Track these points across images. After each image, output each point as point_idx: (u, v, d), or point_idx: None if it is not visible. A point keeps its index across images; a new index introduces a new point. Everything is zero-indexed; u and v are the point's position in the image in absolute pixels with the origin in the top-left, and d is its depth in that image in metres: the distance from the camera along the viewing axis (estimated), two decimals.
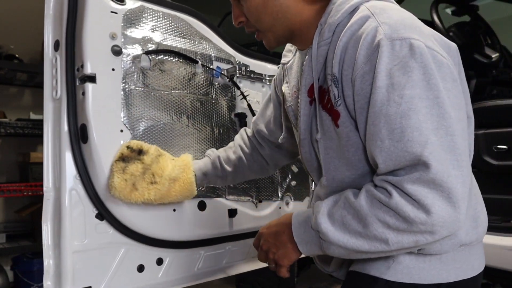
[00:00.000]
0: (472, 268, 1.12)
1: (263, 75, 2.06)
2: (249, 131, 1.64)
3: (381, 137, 0.93)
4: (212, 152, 1.60)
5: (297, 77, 1.26)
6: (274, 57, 2.17)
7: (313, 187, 1.28)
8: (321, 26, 1.09)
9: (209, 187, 1.75)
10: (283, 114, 1.44)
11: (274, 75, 2.09)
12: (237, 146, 1.61)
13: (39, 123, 3.22)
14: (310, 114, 1.17)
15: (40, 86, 3.47)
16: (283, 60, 1.36)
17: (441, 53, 0.96)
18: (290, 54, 1.34)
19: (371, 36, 0.96)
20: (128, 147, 1.45)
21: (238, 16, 1.20)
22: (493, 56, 3.07)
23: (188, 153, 1.58)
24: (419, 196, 0.88)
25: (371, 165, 1.03)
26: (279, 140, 1.46)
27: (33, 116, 3.44)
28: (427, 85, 0.91)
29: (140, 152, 1.45)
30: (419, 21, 1.03)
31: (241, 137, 1.64)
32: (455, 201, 0.88)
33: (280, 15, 1.14)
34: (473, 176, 1.14)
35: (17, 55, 3.36)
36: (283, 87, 1.36)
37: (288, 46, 1.37)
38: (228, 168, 1.56)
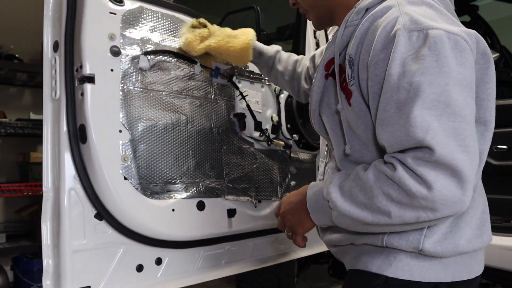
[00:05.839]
0: (470, 271, 1.14)
1: (262, 75, 2.06)
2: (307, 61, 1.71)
3: (391, 122, 0.96)
4: (276, 46, 1.75)
5: None
6: None
7: (326, 151, 1.34)
8: (355, 8, 1.13)
9: (208, 186, 1.76)
10: None
11: None
12: (295, 61, 1.71)
13: (39, 123, 3.22)
14: (322, 87, 1.21)
15: (40, 86, 3.45)
16: (331, 35, 1.44)
17: (464, 38, 0.96)
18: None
19: (390, 26, 0.98)
20: (197, 20, 1.72)
21: None
22: (493, 56, 3.07)
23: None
24: (422, 171, 0.90)
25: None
26: None
27: (33, 116, 3.45)
28: (439, 71, 0.92)
29: (205, 26, 1.72)
30: (446, 15, 1.04)
31: (302, 59, 1.71)
32: (460, 180, 0.90)
33: None
34: (481, 184, 1.16)
35: (17, 55, 3.37)
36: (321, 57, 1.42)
37: None
38: (278, 67, 1.71)
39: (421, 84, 0.92)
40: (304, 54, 2.40)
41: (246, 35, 1.68)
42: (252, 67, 2.01)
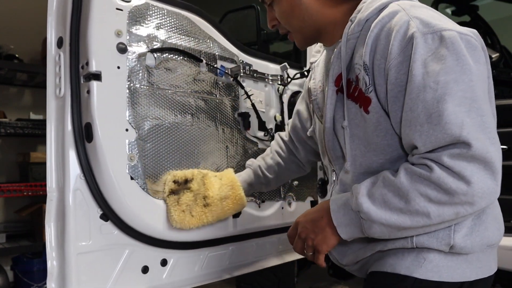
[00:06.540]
0: (489, 268, 1.17)
1: (265, 74, 2.05)
2: (284, 135, 1.73)
3: (420, 122, 0.98)
4: (252, 163, 1.72)
5: (323, 72, 1.36)
6: (275, 57, 2.17)
7: (334, 177, 1.32)
8: (351, 21, 1.15)
9: None
10: (311, 108, 1.51)
11: (276, 75, 2.10)
12: (274, 152, 1.71)
13: (39, 123, 3.22)
14: (335, 103, 1.22)
15: (40, 86, 3.49)
16: (312, 59, 1.47)
17: (474, 37, 1.03)
18: (318, 54, 1.45)
19: (404, 29, 1.02)
20: (174, 181, 1.54)
21: (272, 20, 1.34)
22: (493, 56, 3.07)
23: (229, 168, 1.70)
24: (458, 168, 0.93)
25: (400, 149, 1.10)
26: (307, 133, 1.52)
27: (33, 116, 3.44)
28: (461, 69, 0.96)
29: (186, 181, 1.56)
30: (443, 15, 1.09)
31: (277, 143, 1.74)
32: (493, 172, 0.94)
33: (307, 18, 1.25)
34: None
35: (17, 55, 3.36)
36: (309, 84, 1.44)
37: (317, 47, 1.47)
38: (269, 175, 1.68)
39: (448, 83, 0.95)
40: (305, 54, 2.39)
41: (235, 188, 1.59)
42: (255, 66, 2.00)
